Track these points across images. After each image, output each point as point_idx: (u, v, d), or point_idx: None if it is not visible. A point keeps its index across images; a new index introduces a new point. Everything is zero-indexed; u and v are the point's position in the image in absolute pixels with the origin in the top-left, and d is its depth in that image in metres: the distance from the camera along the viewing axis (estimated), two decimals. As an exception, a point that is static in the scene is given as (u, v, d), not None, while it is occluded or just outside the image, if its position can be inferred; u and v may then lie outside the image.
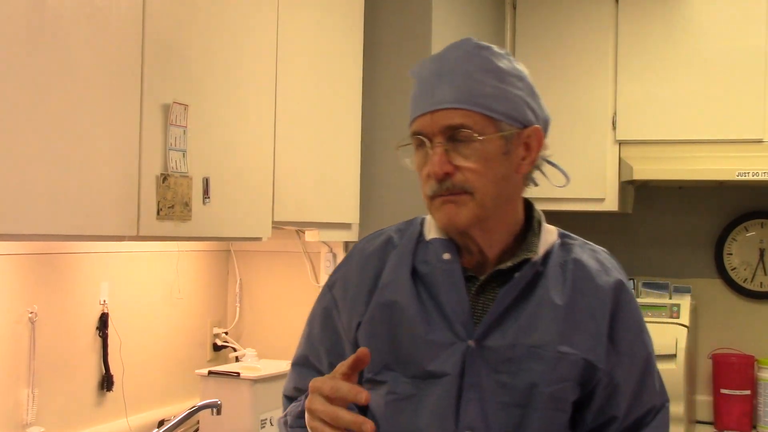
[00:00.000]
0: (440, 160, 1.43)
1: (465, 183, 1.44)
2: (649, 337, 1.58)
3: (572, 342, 1.47)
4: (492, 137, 1.44)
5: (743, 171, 3.54)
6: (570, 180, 1.62)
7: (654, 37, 3.76)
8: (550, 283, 1.50)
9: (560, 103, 3.83)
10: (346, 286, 1.60)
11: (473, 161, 1.43)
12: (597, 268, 1.55)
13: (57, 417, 2.40)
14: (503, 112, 1.45)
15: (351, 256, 1.64)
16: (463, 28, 3.42)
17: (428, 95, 1.46)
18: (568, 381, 1.47)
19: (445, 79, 1.45)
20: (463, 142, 1.43)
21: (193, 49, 2.11)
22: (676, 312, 3.65)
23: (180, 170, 2.04)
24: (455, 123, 1.43)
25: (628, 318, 1.54)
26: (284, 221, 2.50)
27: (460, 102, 1.43)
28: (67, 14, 1.75)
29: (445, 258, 1.51)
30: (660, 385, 1.58)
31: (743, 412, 3.76)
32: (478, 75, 1.45)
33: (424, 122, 1.46)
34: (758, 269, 3.99)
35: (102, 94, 1.83)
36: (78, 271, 2.49)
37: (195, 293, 3.03)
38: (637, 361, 1.53)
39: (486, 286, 1.51)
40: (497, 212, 1.49)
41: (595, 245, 1.63)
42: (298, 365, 1.65)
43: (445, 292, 1.49)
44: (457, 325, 1.47)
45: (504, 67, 1.48)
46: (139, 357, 2.72)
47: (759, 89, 3.62)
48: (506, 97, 1.46)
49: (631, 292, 1.58)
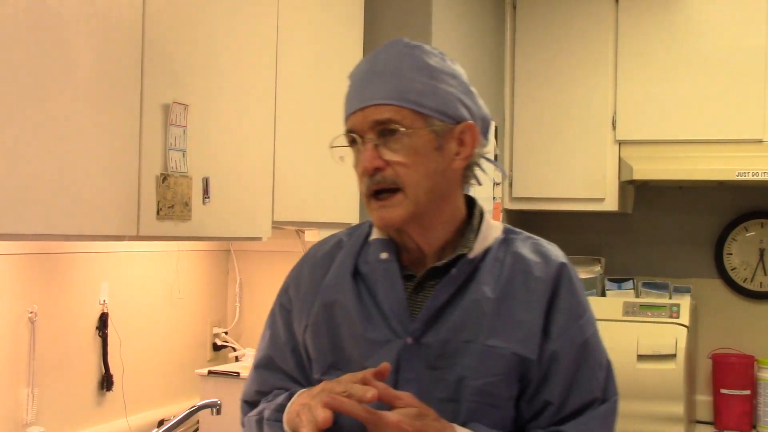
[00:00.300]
0: (370, 155, 1.46)
1: (396, 177, 1.46)
2: (590, 325, 1.54)
3: (502, 336, 1.47)
4: (421, 132, 1.46)
5: (743, 171, 3.55)
6: (507, 176, 1.64)
7: (654, 37, 3.76)
8: (485, 278, 1.51)
9: (560, 103, 3.83)
10: (298, 289, 1.63)
11: (402, 155, 1.46)
12: (536, 260, 1.54)
13: (57, 417, 2.40)
14: (433, 107, 1.48)
15: (304, 259, 1.67)
16: (463, 28, 3.42)
17: (359, 93, 1.50)
18: (497, 375, 1.47)
19: (375, 77, 1.49)
20: (393, 136, 1.46)
21: (193, 49, 2.11)
22: (676, 312, 3.65)
23: (180, 170, 2.04)
24: (384, 118, 1.46)
25: (564, 304, 1.52)
26: (284, 221, 2.50)
27: (388, 98, 1.46)
28: (67, 14, 1.75)
29: (383, 257, 1.54)
30: (606, 378, 1.53)
31: (743, 412, 3.76)
32: (408, 73, 1.48)
33: (355, 120, 1.49)
34: (758, 269, 3.99)
35: (102, 93, 1.83)
36: (78, 270, 2.49)
37: (195, 293, 3.03)
38: (571, 346, 1.50)
39: (424, 284, 1.53)
40: (432, 208, 1.50)
41: (540, 238, 1.62)
42: (261, 368, 1.64)
43: (383, 291, 1.52)
44: (395, 323, 1.49)
45: (435, 65, 1.50)
46: (139, 357, 2.72)
47: (759, 89, 3.62)
48: (436, 93, 1.48)
49: (573, 279, 1.56)
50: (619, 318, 3.69)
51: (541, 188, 3.89)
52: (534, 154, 3.88)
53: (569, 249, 4.58)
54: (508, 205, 3.91)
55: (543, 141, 3.87)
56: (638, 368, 3.55)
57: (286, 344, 1.62)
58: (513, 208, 3.93)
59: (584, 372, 1.51)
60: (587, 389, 1.50)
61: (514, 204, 3.92)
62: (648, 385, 3.53)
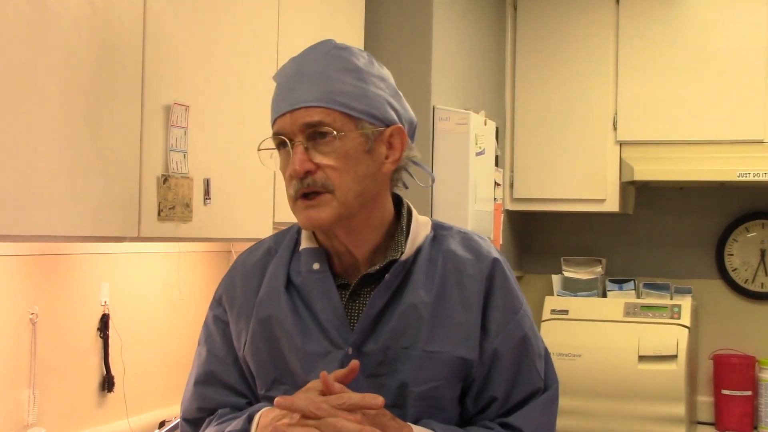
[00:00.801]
0: (300, 158, 1.44)
1: (326, 180, 1.44)
2: (527, 319, 1.54)
3: (441, 339, 1.47)
4: (352, 135, 1.45)
5: (744, 171, 3.55)
6: (435, 180, 1.62)
7: (655, 38, 3.76)
8: (419, 280, 1.50)
9: (561, 103, 3.83)
10: (232, 301, 1.60)
11: (333, 159, 1.44)
12: (468, 258, 1.53)
13: (58, 418, 2.40)
14: (363, 110, 1.46)
15: (234, 269, 1.64)
16: (463, 28, 3.42)
17: (287, 95, 1.47)
18: (439, 380, 1.47)
19: (303, 79, 1.46)
20: (323, 140, 1.44)
21: (194, 49, 2.11)
22: (677, 313, 3.65)
23: (181, 171, 2.04)
24: (314, 120, 1.44)
25: (499, 301, 1.51)
26: (285, 222, 2.50)
27: (318, 100, 1.44)
28: (67, 14, 1.74)
29: (315, 268, 1.51)
30: (545, 368, 1.54)
31: (744, 413, 3.76)
32: (337, 74, 1.46)
33: (284, 122, 1.46)
34: (759, 270, 3.99)
35: (102, 94, 1.83)
36: (79, 272, 2.49)
37: (196, 294, 3.03)
38: (510, 341, 1.50)
39: (359, 291, 1.51)
40: (361, 211, 1.48)
41: (470, 232, 1.60)
42: (200, 384, 1.60)
43: (319, 302, 1.50)
44: (333, 334, 1.48)
45: (363, 67, 1.48)
46: (140, 358, 2.72)
47: (760, 90, 3.63)
48: (366, 96, 1.46)
49: (507, 274, 1.55)
50: (620, 319, 3.69)
51: (542, 189, 3.89)
52: (535, 154, 3.88)
53: (570, 250, 4.60)
54: (509, 206, 3.91)
55: (544, 142, 3.87)
56: (639, 369, 3.55)
57: (226, 356, 1.58)
58: (514, 209, 3.93)
59: (526, 365, 1.52)
60: (529, 381, 1.52)
61: (515, 205, 3.92)
62: (649, 386, 3.53)
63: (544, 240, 4.22)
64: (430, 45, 3.06)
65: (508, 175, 3.91)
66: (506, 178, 3.89)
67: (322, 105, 1.44)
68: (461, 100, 3.31)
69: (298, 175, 1.44)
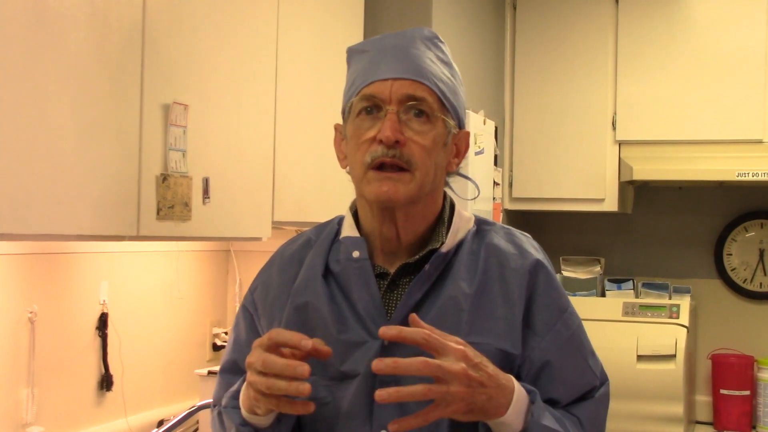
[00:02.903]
0: (394, 126, 1.40)
1: (411, 157, 1.42)
2: (574, 317, 1.52)
3: (482, 331, 1.44)
4: (441, 123, 1.45)
5: (743, 171, 3.55)
6: (480, 194, 1.61)
7: (654, 38, 3.76)
8: (460, 272, 1.48)
9: (560, 103, 3.83)
10: (266, 290, 1.58)
11: (423, 137, 1.43)
12: (511, 252, 1.51)
13: (56, 417, 2.40)
14: (453, 105, 1.48)
15: (273, 260, 1.63)
16: (463, 28, 3.42)
17: (392, 63, 1.44)
18: None
19: (407, 54, 1.45)
20: (419, 117, 1.43)
21: (193, 48, 2.11)
22: (675, 312, 3.65)
23: (180, 170, 2.04)
24: (418, 95, 1.42)
25: (546, 299, 1.49)
26: (284, 221, 2.50)
27: (425, 78, 1.43)
28: (67, 14, 1.74)
29: (355, 256, 1.49)
30: (596, 365, 1.53)
31: (743, 413, 3.76)
32: (437, 62, 1.47)
33: (383, 87, 1.43)
34: (758, 270, 4.00)
35: (102, 93, 1.83)
36: (78, 270, 2.49)
37: (195, 293, 3.03)
38: (559, 340, 1.48)
39: (398, 282, 1.49)
40: (425, 199, 1.48)
41: (514, 229, 1.59)
42: (226, 372, 1.60)
43: (357, 291, 1.47)
44: (370, 324, 1.45)
45: (455, 68, 1.51)
46: (139, 357, 2.72)
47: (759, 90, 3.63)
48: (456, 93, 1.49)
49: (551, 273, 1.53)
50: (619, 318, 3.69)
51: (540, 189, 3.89)
52: (534, 154, 3.88)
53: (569, 249, 4.61)
54: (508, 206, 3.91)
55: (543, 141, 3.87)
56: (638, 369, 3.55)
57: (248, 346, 1.54)
58: (513, 208, 3.93)
59: (579, 365, 1.50)
60: (585, 381, 1.50)
61: (514, 204, 3.92)
62: (648, 386, 3.53)
63: (543, 239, 4.16)
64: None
65: (507, 174, 3.91)
66: (505, 177, 3.89)
67: (427, 84, 1.44)
68: (460, 99, 3.31)
69: (389, 141, 1.40)
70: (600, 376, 1.53)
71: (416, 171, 1.42)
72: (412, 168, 1.42)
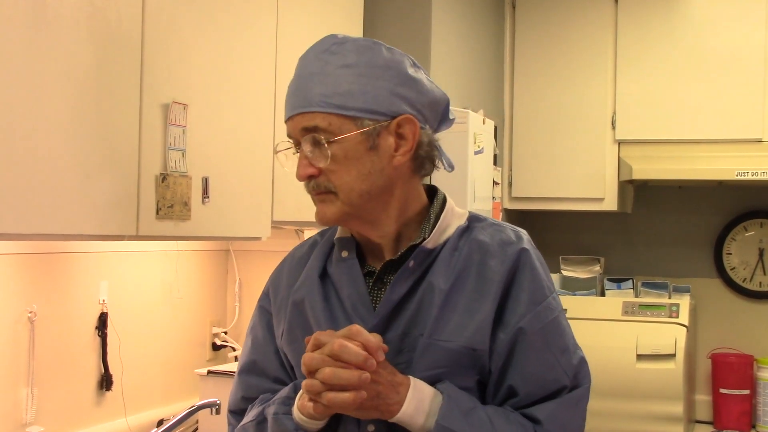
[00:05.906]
0: (301, 164, 1.48)
1: (327, 183, 1.47)
2: (550, 311, 1.50)
3: (448, 328, 1.46)
4: (350, 136, 1.44)
5: (742, 170, 3.55)
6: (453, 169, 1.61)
7: (653, 37, 3.76)
8: (440, 268, 1.49)
9: (560, 102, 3.83)
10: (276, 292, 1.63)
11: (332, 163, 1.45)
12: (495, 247, 1.51)
13: (56, 416, 2.40)
14: (362, 108, 1.44)
15: (284, 262, 1.68)
16: (463, 28, 3.42)
17: (290, 99, 1.49)
18: (441, 368, 1.45)
19: (303, 81, 1.47)
20: (317, 146, 1.45)
21: (193, 48, 2.11)
22: (675, 312, 3.65)
23: (179, 170, 2.04)
24: (310, 125, 1.45)
25: (521, 292, 1.49)
26: (283, 221, 2.50)
27: (313, 105, 1.45)
28: (67, 14, 1.74)
29: (344, 256, 1.55)
30: (575, 365, 1.49)
31: (742, 412, 3.76)
32: (336, 72, 1.45)
33: (290, 127, 1.50)
34: (757, 269, 4.00)
35: (101, 93, 1.83)
36: (77, 270, 2.49)
37: (194, 293, 3.03)
38: (526, 333, 1.47)
39: (384, 279, 1.53)
40: (373, 205, 1.49)
41: (505, 224, 1.59)
42: (245, 373, 1.63)
43: (346, 288, 1.52)
44: (356, 319, 1.48)
45: (364, 60, 1.46)
46: (139, 356, 2.72)
47: (758, 89, 3.63)
48: (365, 92, 1.44)
49: (535, 263, 1.52)
50: (619, 318, 3.69)
51: (540, 188, 3.89)
52: (533, 153, 3.88)
53: (569, 249, 4.61)
54: (508, 205, 3.91)
55: (542, 140, 3.87)
56: (637, 368, 3.55)
57: (268, 345, 1.61)
58: (512, 207, 3.93)
59: (547, 358, 1.47)
60: (552, 378, 1.47)
61: (514, 204, 3.92)
62: (647, 385, 3.53)
63: (543, 239, 4.19)
64: (429, 44, 3.06)
65: (506, 173, 3.92)
66: (505, 176, 3.89)
67: (316, 110, 1.44)
68: (460, 98, 3.31)
69: (302, 180, 1.49)
70: (573, 377, 1.49)
71: (339, 192, 1.47)
72: (333, 191, 1.48)
